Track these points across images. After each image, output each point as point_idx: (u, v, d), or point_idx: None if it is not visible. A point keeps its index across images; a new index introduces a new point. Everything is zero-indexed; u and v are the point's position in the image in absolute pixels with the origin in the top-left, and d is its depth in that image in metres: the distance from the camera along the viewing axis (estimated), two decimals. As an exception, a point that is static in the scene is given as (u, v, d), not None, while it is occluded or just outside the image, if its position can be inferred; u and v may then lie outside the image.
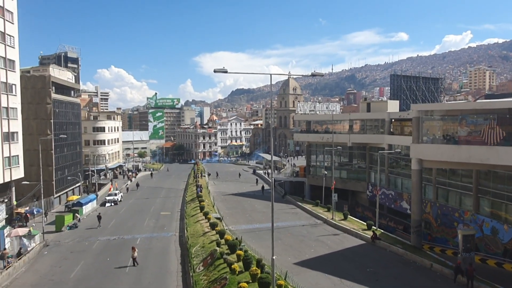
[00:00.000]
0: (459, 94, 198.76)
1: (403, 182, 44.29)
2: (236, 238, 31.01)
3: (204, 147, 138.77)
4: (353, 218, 43.03)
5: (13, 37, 43.78)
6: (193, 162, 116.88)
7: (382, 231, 37.41)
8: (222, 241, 30.42)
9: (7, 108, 41.83)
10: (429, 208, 37.12)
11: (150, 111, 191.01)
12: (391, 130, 48.08)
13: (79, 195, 61.41)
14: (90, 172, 71.31)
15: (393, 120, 48.19)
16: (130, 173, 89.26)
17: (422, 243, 32.37)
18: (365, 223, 38.49)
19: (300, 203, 51.30)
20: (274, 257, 19.35)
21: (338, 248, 32.44)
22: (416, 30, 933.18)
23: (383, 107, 53.78)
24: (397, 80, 77.76)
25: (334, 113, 66.90)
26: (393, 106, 55.13)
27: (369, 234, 34.85)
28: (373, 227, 36.91)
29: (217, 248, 28.53)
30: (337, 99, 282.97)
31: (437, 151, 31.81)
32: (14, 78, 43.95)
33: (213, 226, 36.08)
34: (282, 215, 44.62)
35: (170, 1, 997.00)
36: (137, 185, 72.60)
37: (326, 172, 50.92)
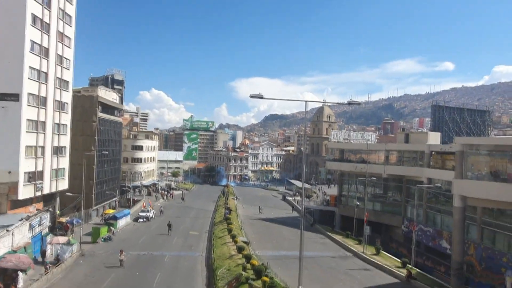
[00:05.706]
0: (510, 129, 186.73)
1: (443, 219, 41.56)
2: (262, 264, 29.94)
3: (235, 170, 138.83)
4: (386, 253, 40.66)
5: (69, 60, 45.98)
6: (223, 184, 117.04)
7: (419, 270, 34.95)
8: (248, 265, 29.75)
9: (58, 124, 43.77)
10: (472, 249, 34.39)
11: (186, 132, 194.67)
12: (431, 163, 45.82)
13: (115, 209, 62.58)
14: (126, 188, 74.33)
15: (433, 152, 45.97)
16: (162, 191, 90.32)
17: (464, 288, 29.82)
18: (400, 260, 36.24)
19: (329, 233, 49.33)
20: (300, 287, 18.18)
21: (368, 284, 30.52)
22: (463, 60, 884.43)
23: (423, 139, 51.52)
24: (439, 111, 73.80)
25: (369, 143, 64.94)
26: (434, 138, 52.74)
27: (403, 272, 32.66)
28: (408, 265, 34.64)
29: (243, 272, 27.77)
30: (373, 129, 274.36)
31: (483, 188, 29.73)
32: (67, 97, 46.01)
33: (240, 249, 35.38)
34: (310, 244, 42.86)
35: (210, 28, 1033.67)
36: (182, 199, 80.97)
37: (358, 203, 48.95)
